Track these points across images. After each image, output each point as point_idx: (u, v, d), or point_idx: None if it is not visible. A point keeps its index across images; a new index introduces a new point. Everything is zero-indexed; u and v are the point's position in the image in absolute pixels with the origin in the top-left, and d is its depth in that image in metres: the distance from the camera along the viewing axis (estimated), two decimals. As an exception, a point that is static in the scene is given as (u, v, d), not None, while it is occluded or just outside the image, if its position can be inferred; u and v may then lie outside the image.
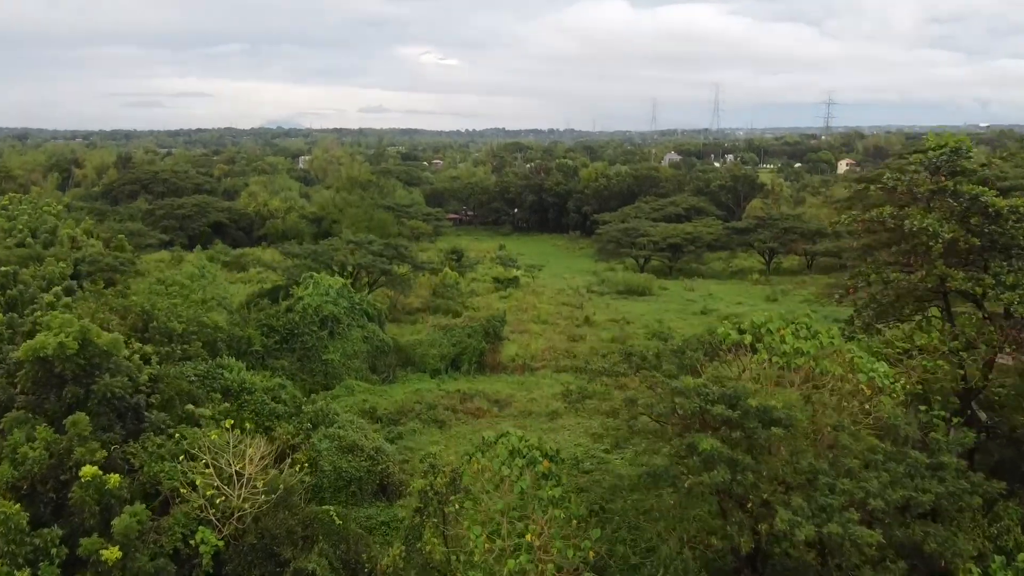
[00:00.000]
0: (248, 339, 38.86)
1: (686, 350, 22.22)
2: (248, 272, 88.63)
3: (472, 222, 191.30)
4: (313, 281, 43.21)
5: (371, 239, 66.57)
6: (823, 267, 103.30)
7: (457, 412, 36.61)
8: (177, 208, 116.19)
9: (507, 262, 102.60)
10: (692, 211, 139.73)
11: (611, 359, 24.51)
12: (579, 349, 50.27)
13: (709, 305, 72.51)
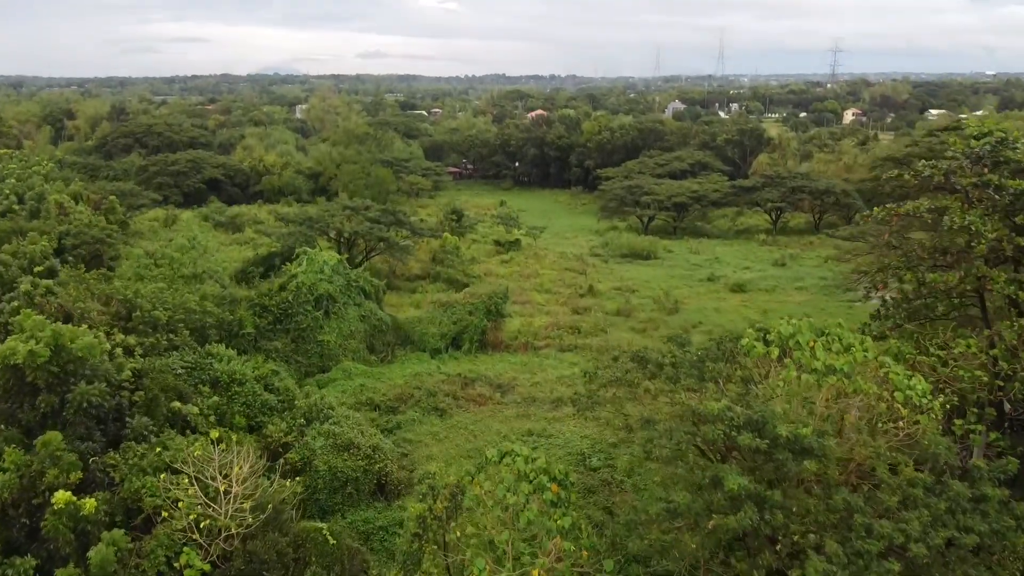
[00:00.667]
0: (240, 321, 37.22)
1: (706, 360, 20.54)
2: (243, 233, 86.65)
3: (472, 176, 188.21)
4: (307, 257, 41.38)
5: (368, 204, 64.50)
6: (831, 227, 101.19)
7: (458, 399, 35.16)
8: (171, 164, 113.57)
9: (508, 222, 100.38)
10: (697, 166, 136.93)
11: (623, 364, 22.87)
12: (584, 323, 48.67)
13: (716, 271, 70.70)
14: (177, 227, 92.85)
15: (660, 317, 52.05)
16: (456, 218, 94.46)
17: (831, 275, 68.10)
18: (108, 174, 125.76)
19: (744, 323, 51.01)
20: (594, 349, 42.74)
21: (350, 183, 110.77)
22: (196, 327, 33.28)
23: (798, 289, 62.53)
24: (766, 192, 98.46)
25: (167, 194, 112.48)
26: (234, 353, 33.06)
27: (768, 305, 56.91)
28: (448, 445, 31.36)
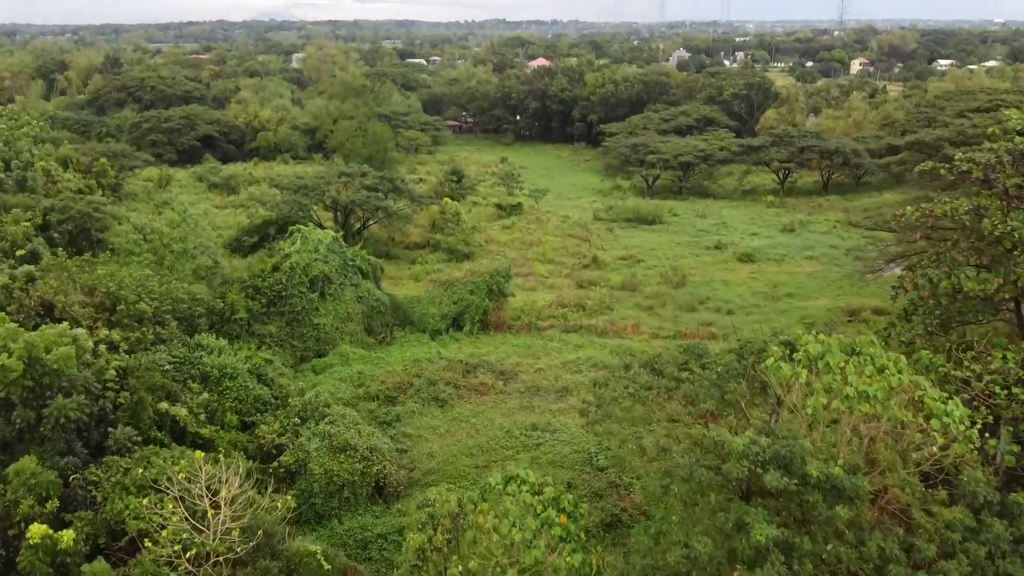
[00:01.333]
0: (231, 306, 35.73)
1: (728, 378, 19.09)
2: (239, 195, 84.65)
3: (472, 130, 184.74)
4: (301, 235, 39.69)
5: (365, 170, 62.45)
6: (839, 187, 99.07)
7: (459, 388, 33.86)
8: (164, 121, 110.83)
9: (509, 182, 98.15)
10: (703, 122, 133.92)
11: (636, 374, 21.42)
12: (589, 299, 47.18)
13: (723, 237, 68.90)
14: (171, 188, 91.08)
15: (667, 291, 50.53)
16: (456, 179, 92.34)
17: (841, 242, 66.39)
18: (100, 130, 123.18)
19: (755, 298, 49.65)
20: (599, 331, 41.34)
21: (347, 141, 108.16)
22: (184, 316, 31.84)
23: (808, 259, 60.86)
24: (774, 151, 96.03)
25: (161, 152, 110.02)
26: (225, 343, 31.70)
27: (777, 277, 55.34)
28: (449, 440, 30.16)
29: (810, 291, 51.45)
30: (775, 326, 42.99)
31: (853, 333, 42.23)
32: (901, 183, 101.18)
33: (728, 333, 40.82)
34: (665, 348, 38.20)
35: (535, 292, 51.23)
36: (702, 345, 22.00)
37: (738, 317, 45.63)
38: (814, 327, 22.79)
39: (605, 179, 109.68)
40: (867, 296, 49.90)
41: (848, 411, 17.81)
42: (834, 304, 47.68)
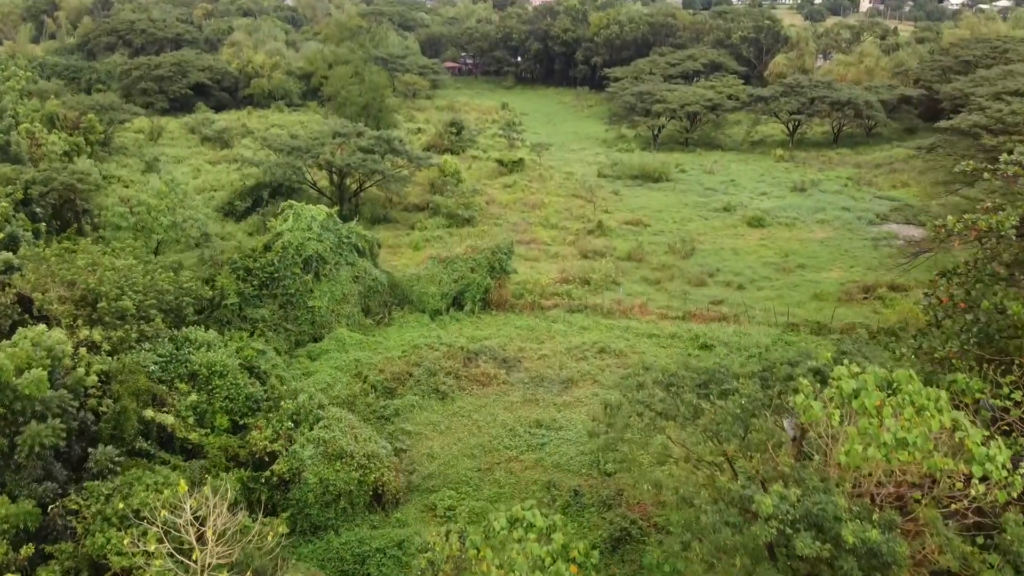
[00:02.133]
0: (222, 291, 34.12)
1: (752, 412, 17.56)
2: (232, 149, 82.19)
3: (472, 72, 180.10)
4: (293, 212, 37.80)
5: (360, 130, 60.04)
6: (850, 138, 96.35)
7: (460, 378, 32.49)
8: (155, 68, 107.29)
9: (511, 133, 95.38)
10: (711, 67, 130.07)
11: (650, 397, 19.88)
12: (594, 273, 45.50)
13: (732, 198, 66.80)
14: (163, 140, 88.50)
15: (674, 263, 48.84)
16: (456, 131, 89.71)
17: (853, 203, 64.36)
18: (90, 77, 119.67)
19: (766, 269, 47.98)
20: (604, 311, 39.78)
21: (342, 88, 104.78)
22: (171, 308, 30.27)
23: (820, 223, 58.95)
24: (785, 101, 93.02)
25: (152, 101, 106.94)
26: (214, 334, 30.21)
27: (789, 245, 53.57)
28: (450, 439, 28.91)
29: (822, 261, 49.72)
30: (788, 304, 41.59)
31: (868, 312, 40.88)
32: (912, 135, 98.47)
33: (739, 313, 39.27)
34: (675, 335, 36.90)
35: (538, 263, 49.53)
36: (723, 369, 20.45)
37: (749, 292, 44.06)
38: (846, 355, 21.17)
39: (609, 128, 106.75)
40: (881, 269, 48.21)
41: (886, 459, 16.40)
42: (848, 277, 46.02)
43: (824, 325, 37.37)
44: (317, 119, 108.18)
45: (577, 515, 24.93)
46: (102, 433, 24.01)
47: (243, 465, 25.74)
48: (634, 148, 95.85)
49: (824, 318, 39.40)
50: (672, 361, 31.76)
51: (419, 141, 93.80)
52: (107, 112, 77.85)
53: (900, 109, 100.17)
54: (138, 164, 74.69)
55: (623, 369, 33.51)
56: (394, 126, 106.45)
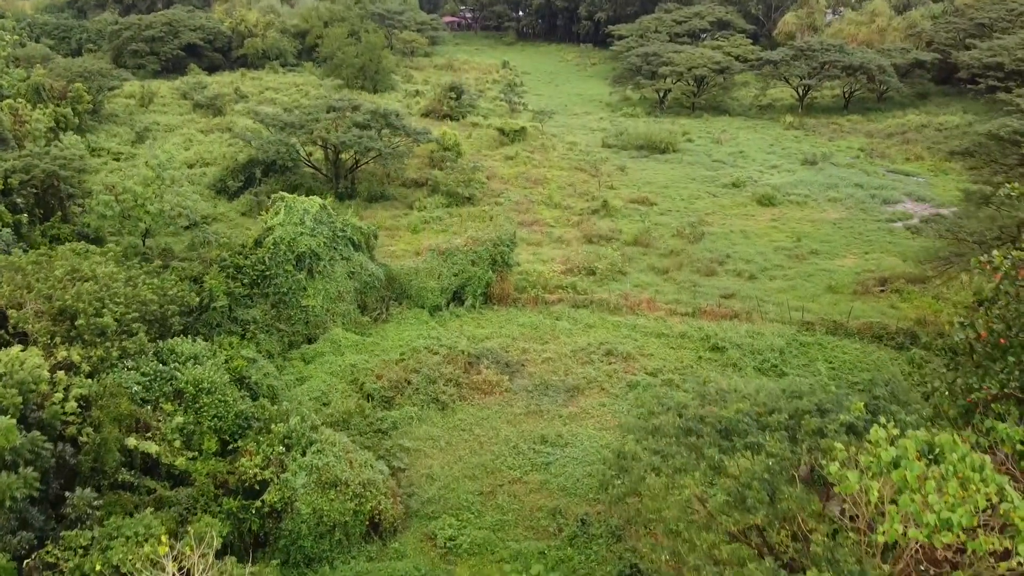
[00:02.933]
0: (210, 293, 32.49)
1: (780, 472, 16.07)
2: (224, 117, 79.72)
3: (472, 27, 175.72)
4: (285, 205, 35.95)
5: (356, 103, 57.67)
6: (861, 103, 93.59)
7: (461, 386, 31.08)
8: (145, 29, 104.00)
9: (512, 98, 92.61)
10: (718, 24, 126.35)
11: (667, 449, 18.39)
12: (599, 262, 43.78)
13: (741, 171, 64.71)
14: (154, 105, 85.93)
15: (683, 248, 47.08)
16: (455, 96, 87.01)
17: (866, 179, 62.27)
18: (81, 36, 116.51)
19: (777, 256, 46.28)
20: (611, 306, 38.14)
21: (338, 49, 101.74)
22: (156, 318, 28.70)
23: (832, 202, 56.99)
24: (795, 66, 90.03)
25: (143, 63, 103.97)
26: (202, 345, 28.72)
27: (801, 226, 51.72)
28: (450, 456, 27.59)
29: (836, 246, 47.94)
30: (801, 297, 40.00)
31: (885, 306, 39.27)
32: (925, 100, 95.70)
33: (752, 310, 37.68)
34: (684, 335, 35.36)
35: (541, 248, 47.79)
36: (746, 418, 18.89)
37: (760, 283, 42.42)
38: (878, 402, 19.62)
39: (614, 90, 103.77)
40: (896, 254, 46.49)
41: (928, 540, 14.97)
42: (863, 266, 44.30)
43: (840, 324, 35.83)
44: (313, 80, 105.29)
45: (584, 547, 23.71)
46: (82, 467, 22.71)
47: (232, 493, 24.43)
48: (639, 112, 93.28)
49: (839, 313, 37.84)
50: (688, 386, 30.34)
51: (417, 106, 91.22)
52: (96, 79, 75.23)
53: (913, 73, 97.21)
54: (128, 133, 72.48)
55: (631, 376, 32.11)
56: (392, 88, 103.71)
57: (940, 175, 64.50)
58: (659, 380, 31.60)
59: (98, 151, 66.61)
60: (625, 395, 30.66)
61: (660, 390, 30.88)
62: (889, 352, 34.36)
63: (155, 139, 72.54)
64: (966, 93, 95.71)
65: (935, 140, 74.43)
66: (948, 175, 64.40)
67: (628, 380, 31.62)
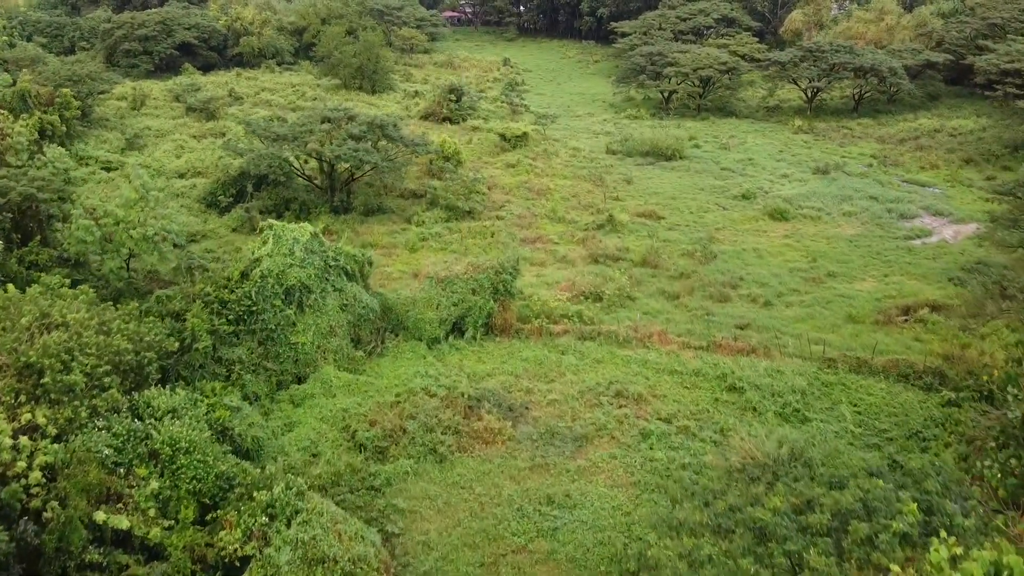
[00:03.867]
0: (192, 333, 30.37)
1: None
2: (218, 121, 77.45)
3: (472, 22, 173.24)
4: (273, 233, 33.79)
5: (352, 113, 55.34)
6: (871, 104, 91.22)
7: (461, 435, 28.98)
8: (138, 28, 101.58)
9: (513, 100, 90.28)
10: (724, 22, 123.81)
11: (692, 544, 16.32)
12: (606, 286, 41.61)
13: (751, 181, 62.56)
14: (146, 107, 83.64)
15: (693, 269, 44.91)
16: (455, 98, 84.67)
17: (881, 190, 60.05)
18: (73, 35, 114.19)
19: (793, 278, 44.16)
20: (620, 339, 35.95)
21: (335, 49, 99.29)
22: (131, 367, 26.57)
23: (846, 216, 54.77)
24: (804, 68, 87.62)
25: (136, 63, 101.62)
26: (181, 396, 26.55)
27: (816, 244, 49.53)
28: (448, 520, 25.48)
29: (854, 267, 45.76)
30: (820, 327, 37.89)
31: (909, 339, 37.10)
32: (936, 101, 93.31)
33: (769, 344, 35.54)
34: (699, 373, 33.23)
35: (545, 269, 45.64)
36: (785, 522, 16.74)
37: (776, 310, 40.26)
38: (930, 498, 17.51)
39: (617, 90, 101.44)
40: (917, 276, 44.34)
41: None
42: (884, 291, 42.12)
43: (864, 361, 33.69)
44: (310, 80, 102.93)
45: (595, 632, 21.69)
46: (46, 546, 20.66)
47: (211, 568, 22.39)
48: (643, 114, 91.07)
49: (862, 347, 35.73)
50: (705, 434, 28.17)
51: (417, 108, 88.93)
52: (86, 83, 72.86)
53: (924, 74, 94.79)
54: (119, 140, 70.18)
55: (643, 421, 30.00)
56: (390, 88, 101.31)
57: (957, 185, 62.27)
58: (674, 427, 29.47)
59: (86, 160, 64.43)
60: (638, 445, 28.55)
61: (675, 439, 28.82)
62: (917, 393, 32.23)
63: (146, 145, 70.45)
64: (978, 95, 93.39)
65: (949, 147, 72.21)
66: (965, 185, 62.19)
67: (640, 427, 29.50)
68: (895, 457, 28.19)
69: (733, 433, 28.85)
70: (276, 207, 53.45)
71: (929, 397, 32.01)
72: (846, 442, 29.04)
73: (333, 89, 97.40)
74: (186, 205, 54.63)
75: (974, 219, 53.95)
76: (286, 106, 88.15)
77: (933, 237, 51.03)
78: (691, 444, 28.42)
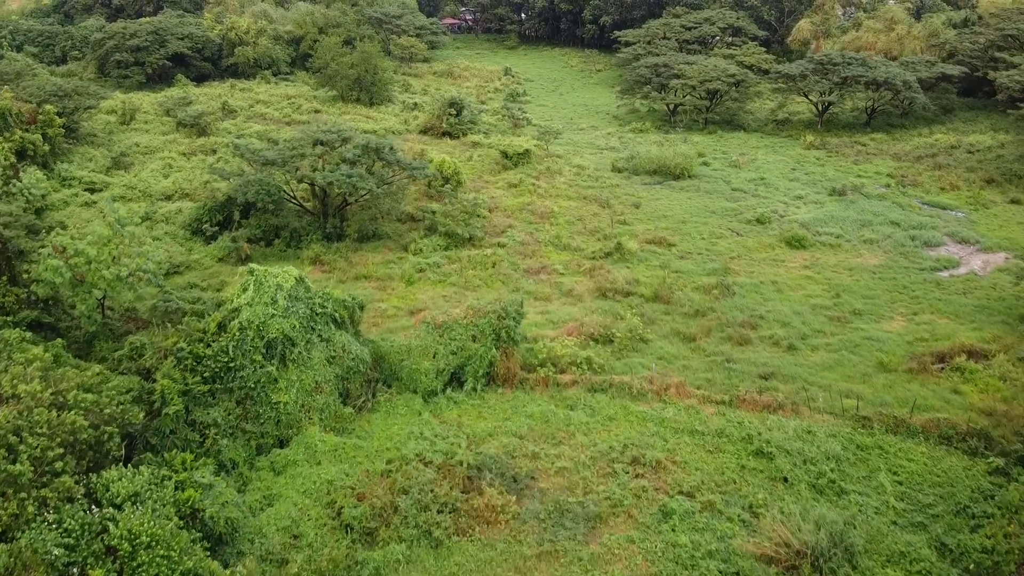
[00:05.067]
0: (162, 396, 27.46)
1: None
2: (209, 137, 74.55)
3: (473, 30, 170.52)
4: (254, 279, 30.87)
5: (345, 135, 52.38)
6: (883, 117, 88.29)
7: (459, 513, 26.05)
8: (130, 38, 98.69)
9: (515, 113, 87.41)
10: (730, 31, 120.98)
11: None
12: (616, 326, 38.65)
13: (764, 203, 59.67)
14: (135, 122, 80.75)
15: (710, 306, 41.95)
16: (455, 112, 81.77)
17: (902, 215, 57.11)
18: (65, 44, 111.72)
19: (817, 317, 41.22)
20: (633, 392, 32.95)
21: (332, 60, 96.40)
22: (89, 445, 23.65)
23: (868, 243, 51.82)
24: (815, 81, 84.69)
25: (127, 74, 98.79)
26: (145, 477, 23.65)
27: (838, 276, 46.57)
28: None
29: (880, 304, 42.79)
30: (850, 376, 34.93)
31: (947, 391, 34.08)
32: (950, 115, 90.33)
33: (797, 399, 32.57)
34: (722, 433, 30.27)
35: (550, 305, 42.72)
36: None
37: (801, 355, 37.27)
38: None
39: (621, 102, 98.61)
40: (948, 315, 41.38)
41: None
42: (914, 332, 39.14)
43: (902, 420, 30.72)
44: (306, 92, 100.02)
45: None
46: None
47: None
48: (648, 127, 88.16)
49: (897, 400, 32.82)
50: (733, 511, 25.03)
51: (416, 121, 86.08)
52: (72, 98, 69.93)
53: (937, 87, 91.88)
54: (105, 158, 67.29)
55: (663, 496, 27.01)
56: (389, 100, 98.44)
57: (980, 209, 59.32)
58: (697, 503, 26.47)
59: (69, 181, 61.58)
60: (658, 526, 25.57)
61: (700, 518, 25.84)
62: (961, 458, 29.28)
63: (133, 164, 67.57)
64: (992, 107, 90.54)
65: (968, 165, 69.30)
66: (989, 209, 59.25)
67: (660, 503, 26.52)
68: (943, 539, 25.36)
69: (764, 511, 25.93)
70: (265, 235, 50.60)
71: (975, 463, 29.07)
72: (888, 520, 26.12)
73: (330, 101, 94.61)
74: (170, 232, 51.76)
75: (1002, 247, 51.04)
76: (281, 119, 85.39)
77: (961, 268, 48.10)
78: (717, 524, 25.43)
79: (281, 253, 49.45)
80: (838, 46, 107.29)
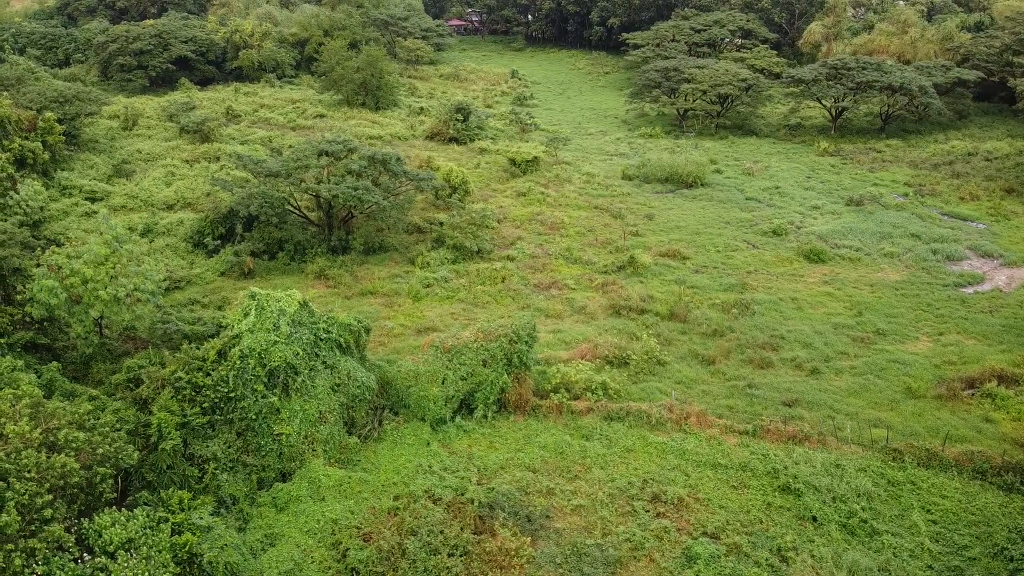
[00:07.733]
0: (158, 430, 26.17)
1: None
2: (212, 143, 73.23)
3: (479, 32, 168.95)
4: (256, 304, 29.57)
5: (351, 145, 51.02)
6: (898, 122, 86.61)
7: (471, 556, 24.73)
8: (133, 41, 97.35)
9: (522, 118, 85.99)
10: (740, 33, 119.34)
11: None
12: (631, 347, 37.25)
13: (780, 213, 58.25)
14: (138, 129, 79.49)
15: (728, 325, 40.53)
16: (462, 117, 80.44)
17: (922, 227, 55.58)
18: (68, 47, 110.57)
19: (839, 337, 39.74)
20: (652, 421, 31.51)
21: (337, 64, 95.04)
22: (81, 488, 22.34)
23: (888, 257, 50.36)
24: (829, 86, 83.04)
25: (129, 77, 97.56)
26: (139, 521, 22.38)
27: (859, 292, 45.11)
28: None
29: (904, 323, 41.33)
30: (876, 403, 33.47)
31: (978, 419, 32.59)
32: (965, 120, 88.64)
33: (823, 429, 31.14)
34: (746, 467, 28.84)
35: (562, 323, 41.34)
36: None
37: (825, 379, 35.84)
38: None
39: (630, 107, 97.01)
40: (975, 335, 39.91)
41: None
42: (941, 354, 37.69)
43: (934, 453, 29.29)
44: (311, 96, 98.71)
45: None
46: None
47: None
48: (658, 132, 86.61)
49: (927, 429, 31.41)
50: (760, 555, 23.75)
51: (422, 126, 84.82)
52: (73, 103, 68.67)
53: (953, 91, 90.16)
54: (106, 165, 66.08)
55: (686, 536, 25.62)
56: (395, 105, 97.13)
57: (1002, 220, 57.78)
58: (723, 546, 25.08)
59: (69, 190, 60.34)
60: (681, 571, 24.17)
61: (725, 563, 24.42)
62: (997, 495, 27.87)
63: (135, 171, 66.34)
64: (1009, 113, 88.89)
65: (987, 173, 67.74)
66: (1010, 220, 57.70)
67: (683, 545, 25.13)
68: (983, 585, 23.96)
69: (794, 555, 24.51)
70: (268, 248, 49.31)
71: (1011, 500, 27.65)
72: (924, 564, 24.70)
73: (335, 105, 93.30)
74: (171, 244, 50.47)
75: (1029, 262, 49.58)
76: (285, 124, 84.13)
77: (985, 284, 46.61)
78: (745, 570, 24.02)
79: (285, 267, 48.17)
80: (850, 49, 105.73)
